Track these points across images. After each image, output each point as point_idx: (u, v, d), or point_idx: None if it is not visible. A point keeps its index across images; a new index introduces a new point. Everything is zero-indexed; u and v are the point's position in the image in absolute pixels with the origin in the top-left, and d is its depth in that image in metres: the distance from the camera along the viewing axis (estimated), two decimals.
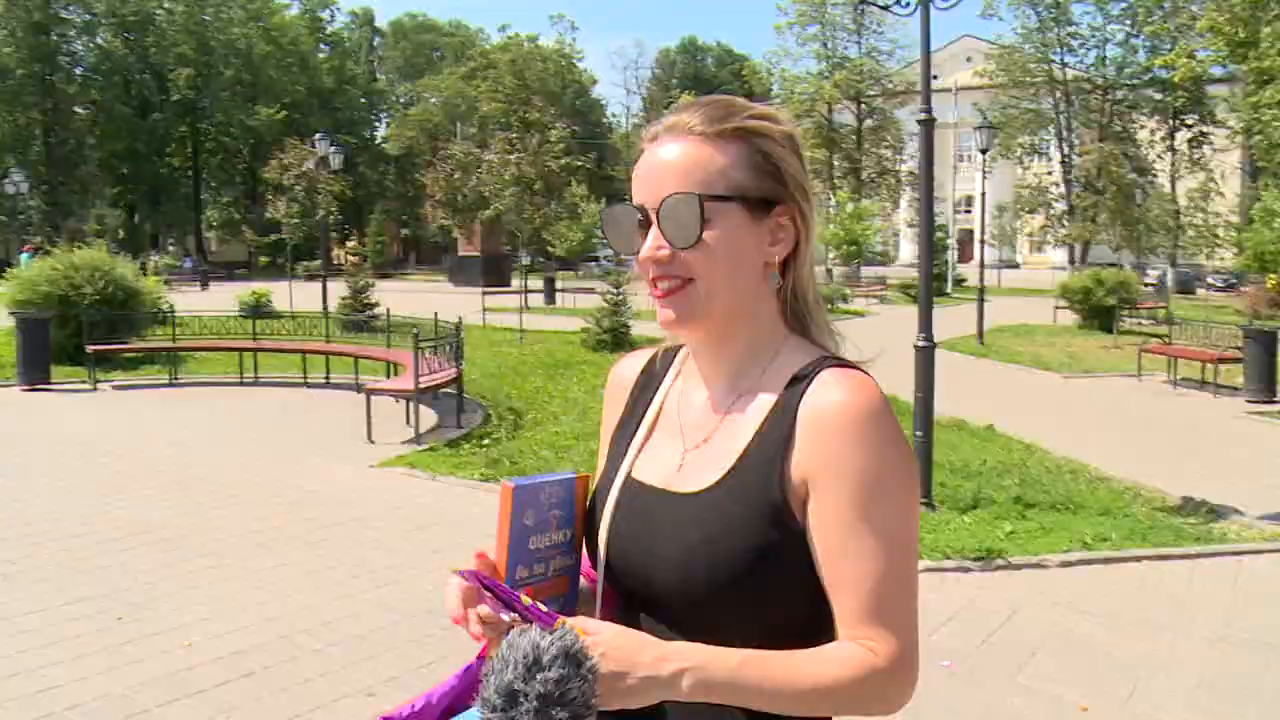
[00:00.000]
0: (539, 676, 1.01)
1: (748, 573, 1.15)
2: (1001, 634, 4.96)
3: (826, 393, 1.17)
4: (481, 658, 1.19)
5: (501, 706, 1.02)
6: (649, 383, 1.38)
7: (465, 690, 1.27)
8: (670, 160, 1.19)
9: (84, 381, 13.25)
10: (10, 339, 13.99)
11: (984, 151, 23.46)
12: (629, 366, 1.43)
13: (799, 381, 1.20)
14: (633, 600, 1.25)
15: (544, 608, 1.12)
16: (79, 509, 7.06)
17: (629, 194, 1.24)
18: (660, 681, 1.07)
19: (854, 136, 57.19)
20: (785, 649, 1.13)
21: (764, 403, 1.22)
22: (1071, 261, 50.10)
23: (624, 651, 1.07)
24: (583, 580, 1.34)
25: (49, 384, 12.99)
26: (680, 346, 1.37)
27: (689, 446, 1.26)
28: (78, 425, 10.40)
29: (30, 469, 8.33)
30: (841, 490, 1.13)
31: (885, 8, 8.08)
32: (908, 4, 7.54)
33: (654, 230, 1.19)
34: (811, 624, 1.17)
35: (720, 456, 1.21)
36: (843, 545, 1.13)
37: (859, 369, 1.22)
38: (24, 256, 27.22)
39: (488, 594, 1.14)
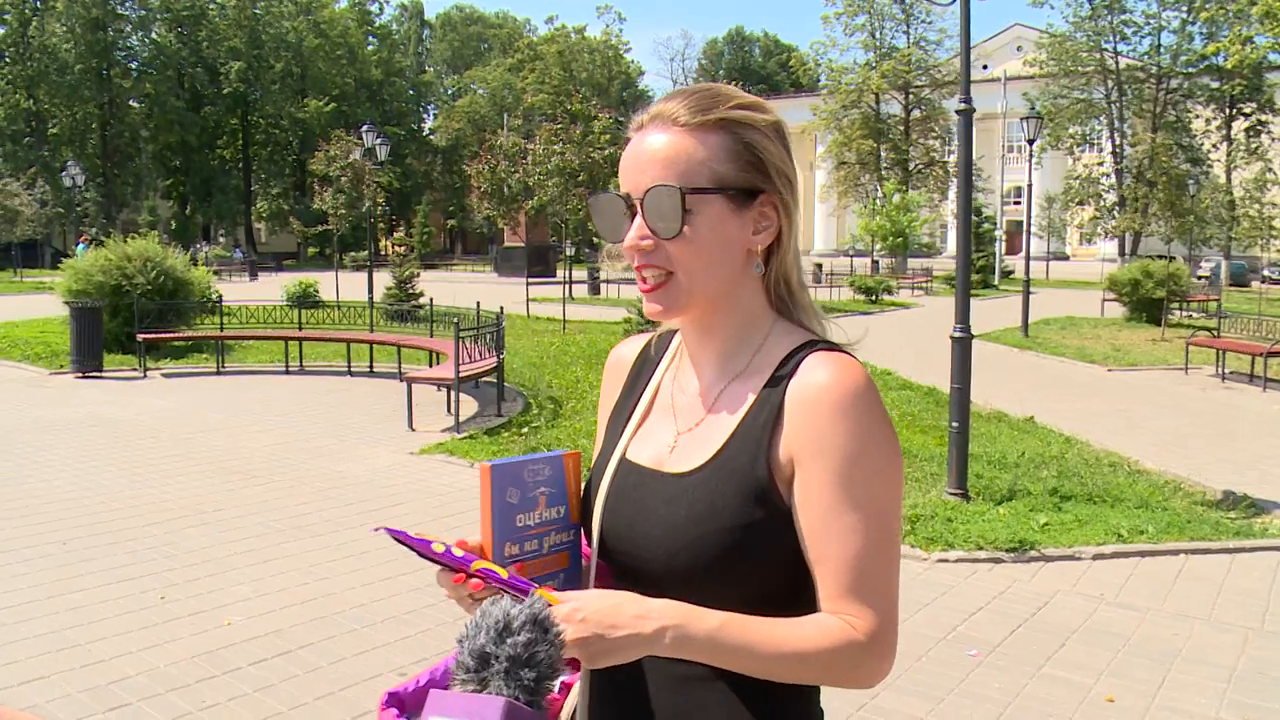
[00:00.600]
0: (509, 640, 1.07)
1: (733, 549, 1.18)
2: (1031, 624, 4.95)
3: (813, 374, 1.20)
4: None
5: (474, 667, 1.08)
6: (645, 366, 1.42)
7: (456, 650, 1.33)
8: (654, 151, 1.21)
9: (134, 369, 13.56)
10: (65, 328, 14.36)
11: (1031, 142, 23.14)
12: (627, 350, 1.47)
13: (786, 364, 1.23)
14: (625, 575, 1.29)
15: (504, 573, 1.17)
16: (126, 491, 7.26)
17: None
18: (642, 638, 1.11)
19: (901, 127, 56.66)
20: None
21: (752, 386, 1.25)
22: (1122, 253, 49.32)
23: (604, 613, 1.12)
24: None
25: (101, 372, 13.31)
26: (675, 331, 1.41)
27: (681, 429, 1.30)
28: (127, 411, 10.65)
29: (81, 453, 8.56)
30: (826, 468, 1.16)
31: None
32: None
33: (638, 220, 1.22)
34: (792, 598, 1.21)
35: (710, 438, 1.25)
36: (826, 522, 1.16)
37: (845, 351, 1.25)
38: (80, 247, 27.81)
39: (440, 564, 1.19)
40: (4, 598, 5.09)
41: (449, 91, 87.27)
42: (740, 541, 1.18)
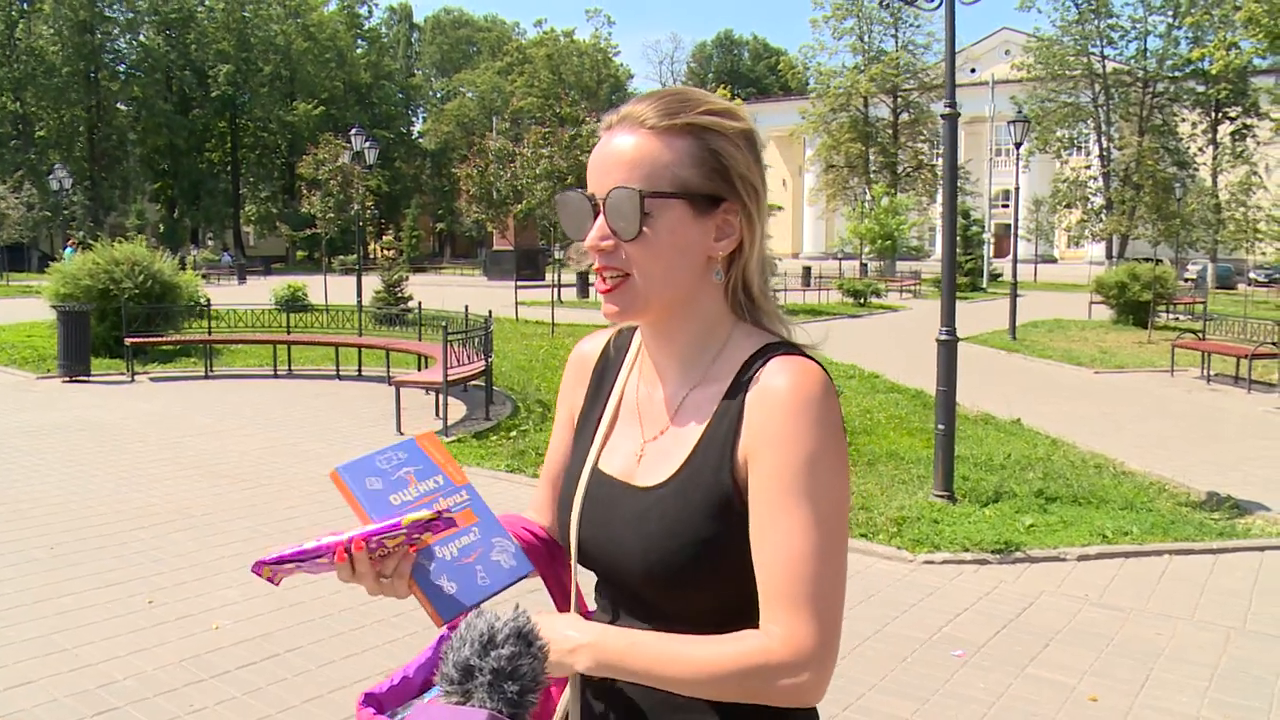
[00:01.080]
0: (493, 654, 1.09)
1: (704, 561, 1.19)
2: (1016, 625, 4.99)
3: (772, 379, 1.20)
4: (454, 628, 1.26)
5: (458, 680, 1.10)
6: (608, 366, 1.43)
7: (439, 662, 1.35)
8: (619, 152, 1.21)
9: (122, 373, 13.52)
10: (52, 332, 14.31)
11: (1018, 145, 23.25)
12: (589, 346, 1.47)
13: (747, 370, 1.24)
14: (606, 583, 1.33)
15: (371, 525, 1.17)
16: (113, 495, 7.25)
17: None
18: (564, 663, 1.18)
19: (890, 130, 56.82)
20: (745, 626, 1.17)
21: (714, 393, 1.25)
22: (1109, 256, 49.51)
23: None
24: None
25: (89, 376, 13.26)
26: (635, 329, 1.41)
27: (647, 437, 1.31)
28: (114, 415, 10.63)
29: (69, 457, 8.54)
30: (773, 466, 1.16)
31: (910, 3, 8.09)
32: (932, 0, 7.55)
33: (600, 220, 1.22)
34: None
35: (674, 449, 1.26)
36: (770, 520, 1.16)
37: (805, 355, 1.25)
38: (67, 251, 27.72)
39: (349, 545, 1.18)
40: None
41: (438, 95, 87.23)
42: (711, 551, 1.19)
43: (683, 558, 1.19)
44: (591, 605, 1.42)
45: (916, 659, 4.54)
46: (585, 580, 1.40)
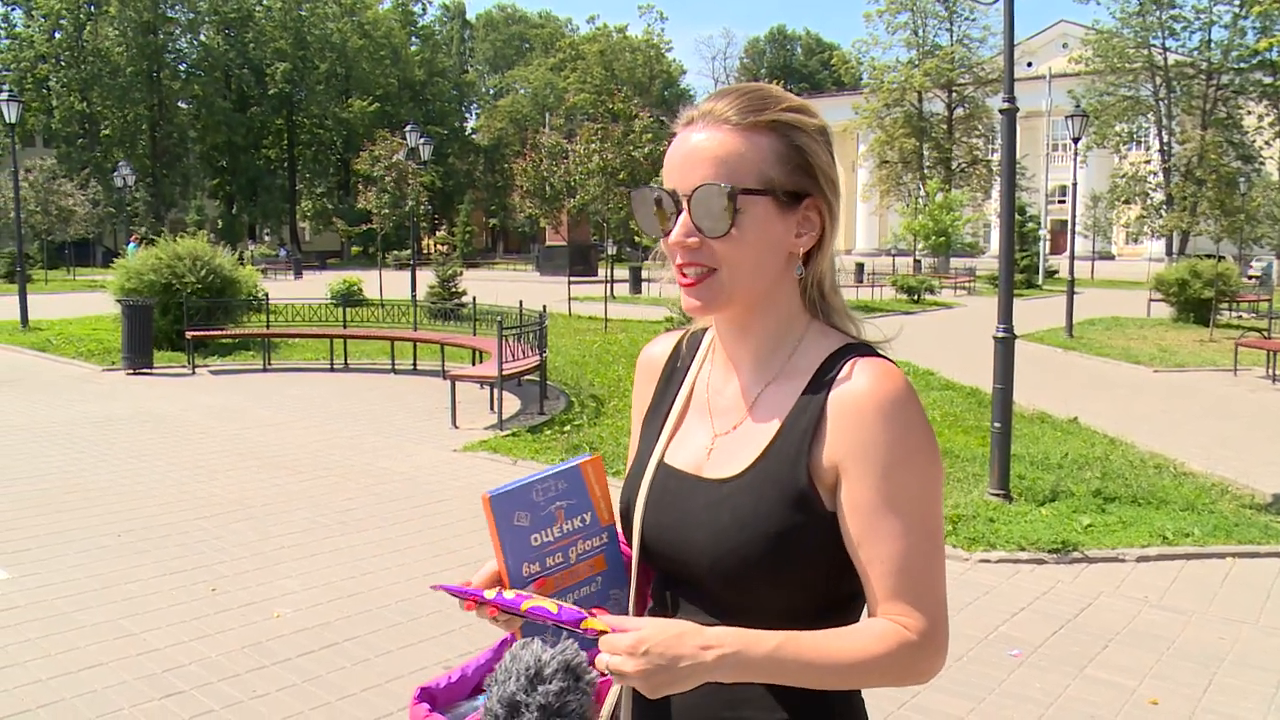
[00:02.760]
0: (540, 689, 1.07)
1: (775, 555, 1.20)
2: (1073, 626, 4.93)
3: (855, 381, 1.21)
4: (513, 637, 1.26)
5: (504, 716, 1.08)
6: (677, 365, 1.43)
7: (485, 693, 1.35)
8: (704, 149, 1.21)
9: (183, 366, 13.81)
10: (117, 325, 14.65)
11: (1076, 140, 22.85)
12: (658, 349, 1.48)
13: (826, 370, 1.24)
14: (668, 577, 1.31)
15: (553, 606, 1.16)
16: (176, 486, 7.42)
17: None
18: (705, 667, 1.11)
19: (944, 125, 56.12)
20: (809, 624, 1.18)
21: (791, 390, 1.26)
22: (1169, 253, 48.52)
23: (666, 644, 1.11)
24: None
25: (151, 368, 13.57)
26: (706, 329, 1.42)
27: (719, 431, 1.31)
28: (176, 407, 10.86)
29: (134, 448, 8.75)
30: (870, 475, 1.18)
31: None
32: None
33: (684, 217, 1.22)
34: (835, 599, 1.24)
35: (749, 443, 1.26)
36: (873, 527, 1.18)
37: (884, 357, 1.26)
38: (130, 247, 28.29)
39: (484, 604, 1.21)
40: (64, 586, 5.23)
41: (491, 91, 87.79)
42: (783, 546, 1.20)
43: (752, 550, 1.20)
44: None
45: (973, 658, 4.51)
46: None
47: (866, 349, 1.27)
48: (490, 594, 1.20)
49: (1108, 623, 4.97)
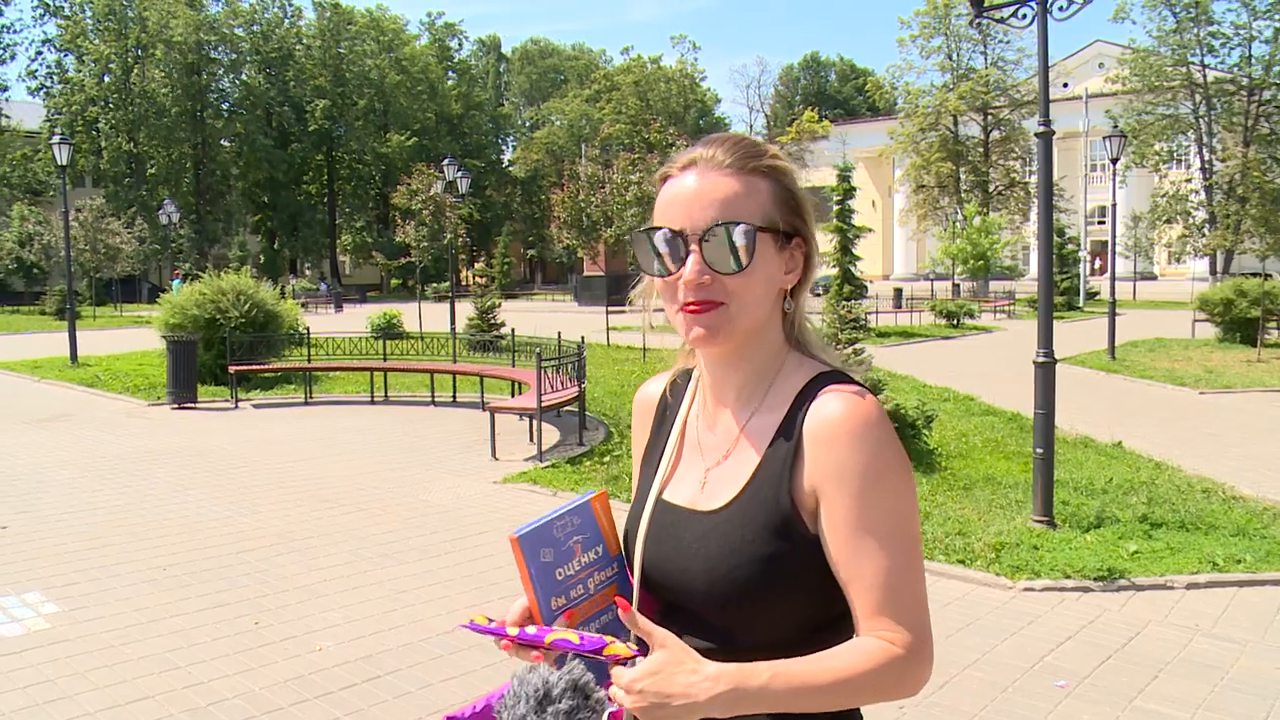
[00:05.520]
0: (550, 709, 1.10)
1: (765, 579, 1.26)
2: (1121, 655, 4.84)
3: (827, 408, 1.28)
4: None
5: None
6: (670, 405, 1.52)
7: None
8: (712, 190, 1.29)
9: (226, 400, 14.00)
10: (162, 360, 14.89)
11: (1115, 160, 22.64)
12: (653, 388, 1.57)
13: (802, 399, 1.32)
14: (669, 607, 1.37)
15: (574, 637, 1.22)
16: (220, 518, 7.51)
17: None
18: (698, 706, 1.17)
19: (980, 149, 55.85)
20: (803, 642, 1.24)
21: (771, 421, 1.33)
22: (1213, 272, 47.80)
23: (660, 682, 1.17)
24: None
25: (195, 403, 13.76)
26: (692, 369, 1.50)
27: (709, 465, 1.38)
28: (220, 441, 11.01)
29: (179, 482, 8.87)
30: (846, 496, 1.24)
31: (1002, 20, 7.97)
32: (1024, 15, 7.45)
33: (695, 256, 1.28)
34: (827, 620, 1.29)
35: (735, 474, 1.34)
36: (852, 546, 1.24)
37: (856, 383, 1.33)
38: (175, 283, 28.81)
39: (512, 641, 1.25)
40: (112, 620, 5.31)
41: (527, 123, 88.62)
42: (771, 571, 1.26)
43: (743, 575, 1.26)
44: None
45: (1018, 688, 4.44)
46: None
47: (840, 376, 1.34)
48: (513, 631, 1.25)
49: (1157, 652, 4.88)
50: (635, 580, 1.39)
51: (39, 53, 69.15)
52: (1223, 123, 49.62)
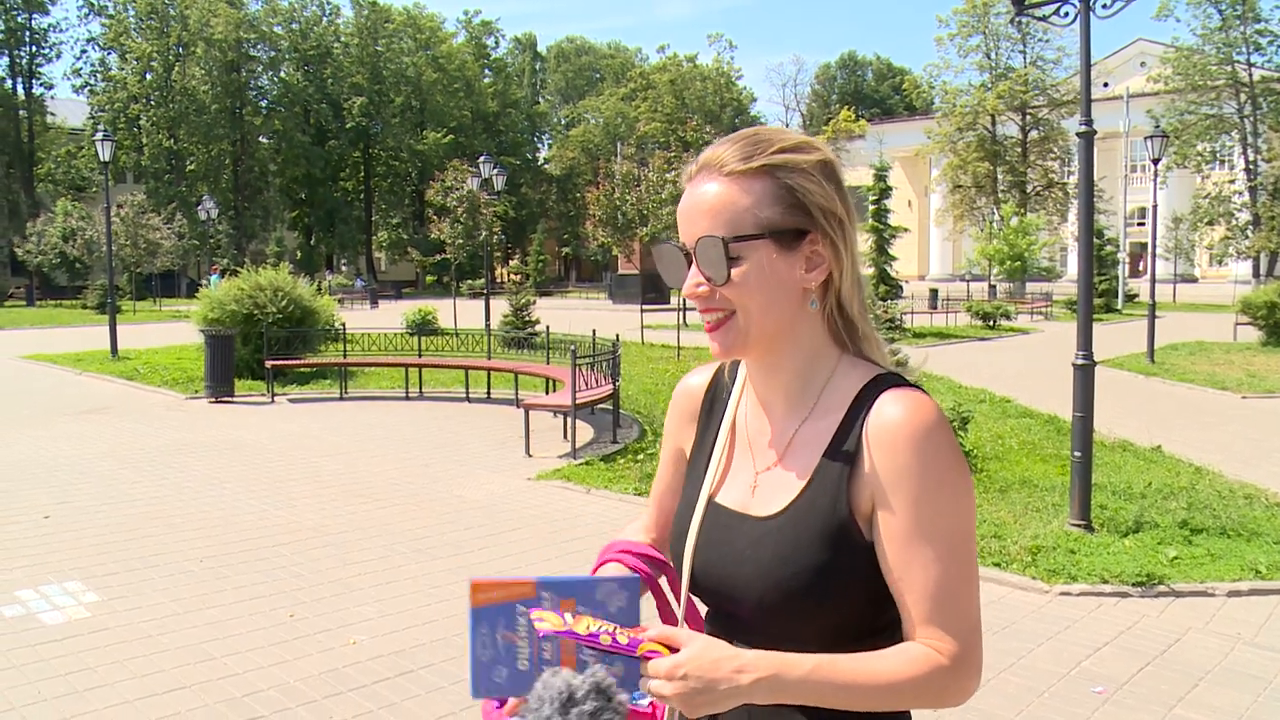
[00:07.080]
0: (574, 711, 1.08)
1: (818, 586, 1.25)
2: (1160, 662, 4.78)
3: (887, 413, 1.25)
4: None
5: None
6: (717, 399, 1.48)
7: None
8: (702, 201, 1.28)
9: (263, 394, 14.14)
10: (200, 355, 15.07)
11: (1156, 161, 22.33)
12: (695, 380, 1.53)
13: (859, 404, 1.28)
14: (718, 611, 1.37)
15: (606, 640, 1.17)
16: (255, 512, 7.58)
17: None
18: (740, 691, 1.16)
19: (1018, 149, 55.31)
20: (849, 648, 1.22)
21: (827, 425, 1.30)
22: (1256, 274, 47.07)
23: (703, 668, 1.15)
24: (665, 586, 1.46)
25: (232, 397, 13.91)
26: (740, 362, 1.46)
27: (760, 469, 1.36)
28: (257, 435, 11.12)
29: (215, 475, 8.97)
30: (903, 503, 1.22)
31: (1044, 19, 7.89)
32: (1066, 14, 7.36)
33: (693, 268, 1.29)
34: (873, 626, 1.27)
35: (789, 479, 1.31)
36: (906, 554, 1.22)
37: (916, 387, 1.30)
38: (213, 278, 29.12)
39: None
40: (150, 610, 5.38)
41: (562, 121, 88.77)
42: (825, 579, 1.25)
43: (795, 584, 1.25)
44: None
45: (1054, 694, 4.39)
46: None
47: (897, 379, 1.31)
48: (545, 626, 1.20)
49: (1197, 660, 4.81)
50: (684, 583, 1.38)
51: (83, 51, 70.62)
52: (1269, 122, 48.78)
